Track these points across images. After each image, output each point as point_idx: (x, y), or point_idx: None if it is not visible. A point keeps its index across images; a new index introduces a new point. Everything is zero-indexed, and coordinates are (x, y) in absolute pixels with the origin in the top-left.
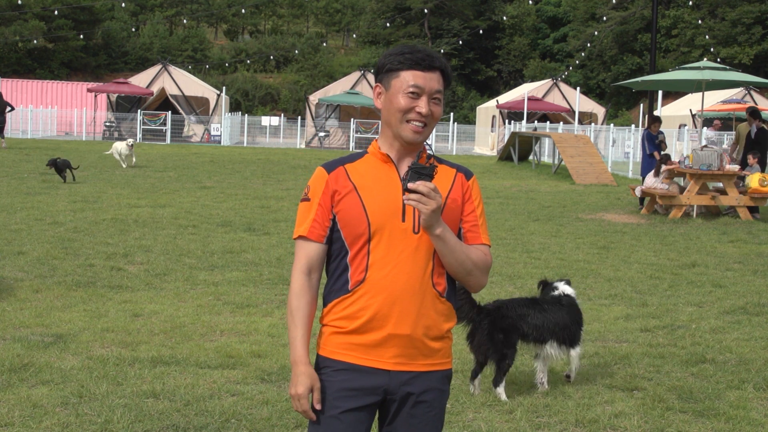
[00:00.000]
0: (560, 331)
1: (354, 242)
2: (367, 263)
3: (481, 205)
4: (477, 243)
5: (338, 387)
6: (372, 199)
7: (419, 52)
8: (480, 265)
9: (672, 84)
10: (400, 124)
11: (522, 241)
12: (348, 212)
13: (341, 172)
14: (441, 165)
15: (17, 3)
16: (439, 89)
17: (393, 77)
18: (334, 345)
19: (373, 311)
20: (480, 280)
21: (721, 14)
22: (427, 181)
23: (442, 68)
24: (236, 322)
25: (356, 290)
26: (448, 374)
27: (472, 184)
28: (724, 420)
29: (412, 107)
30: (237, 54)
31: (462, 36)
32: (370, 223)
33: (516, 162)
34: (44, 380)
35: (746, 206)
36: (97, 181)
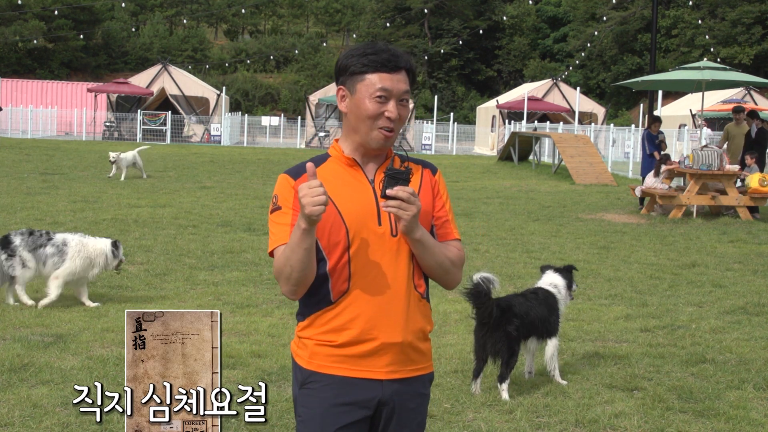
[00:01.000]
0: (541, 325)
1: (332, 251)
2: (350, 272)
3: (449, 199)
4: (450, 239)
5: (330, 403)
6: (345, 204)
7: (384, 52)
8: (456, 262)
9: (672, 84)
10: (371, 131)
11: (522, 241)
12: (324, 220)
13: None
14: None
15: (17, 3)
16: (406, 90)
17: (358, 81)
18: (321, 358)
19: (363, 322)
20: (456, 277)
21: (721, 14)
22: (405, 186)
23: (408, 67)
24: (236, 322)
25: (340, 301)
26: (431, 377)
27: (438, 178)
28: (724, 420)
29: (381, 112)
30: (237, 54)
31: (462, 36)
32: (348, 229)
33: (516, 162)
34: (44, 380)
35: (746, 206)
36: (97, 181)
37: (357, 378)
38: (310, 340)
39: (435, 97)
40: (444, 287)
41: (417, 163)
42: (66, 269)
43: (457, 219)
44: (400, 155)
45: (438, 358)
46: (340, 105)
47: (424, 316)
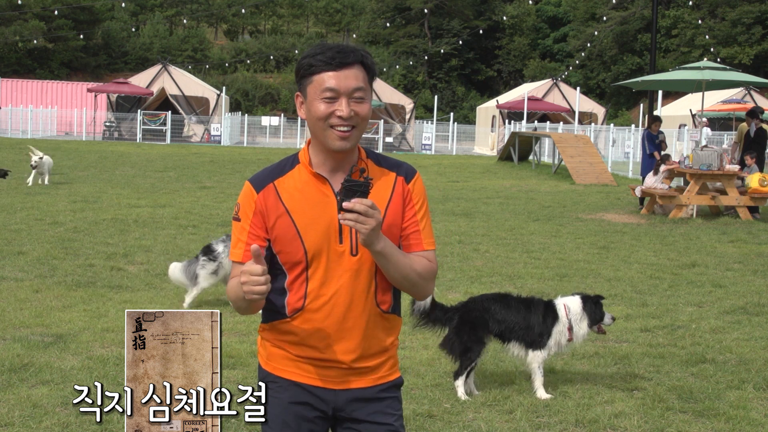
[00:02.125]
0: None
1: (291, 268)
2: (306, 291)
3: (423, 207)
4: (418, 250)
5: (287, 402)
6: (306, 222)
7: (329, 50)
8: (425, 274)
9: (672, 84)
10: (324, 132)
11: (522, 241)
12: (282, 238)
13: (271, 191)
14: (380, 169)
15: (17, 3)
16: (358, 86)
17: (308, 84)
18: (277, 360)
19: (316, 340)
20: (426, 290)
21: (721, 14)
22: (363, 198)
23: (360, 61)
24: (236, 322)
25: (295, 317)
26: (397, 383)
27: (413, 186)
28: (724, 420)
29: (331, 112)
30: (237, 54)
31: (462, 36)
32: (306, 250)
33: (516, 162)
34: (44, 380)
35: (746, 206)
36: (97, 181)
37: (310, 385)
38: (267, 342)
39: (435, 97)
40: (414, 297)
41: (392, 169)
42: None
43: (457, 219)
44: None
45: (438, 358)
46: (299, 112)
47: (385, 330)
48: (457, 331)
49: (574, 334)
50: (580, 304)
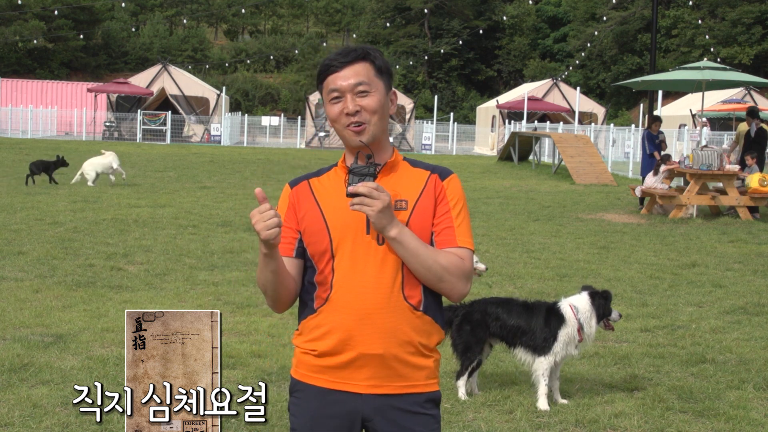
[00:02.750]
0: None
1: (319, 260)
2: (332, 281)
3: (459, 205)
4: (451, 246)
5: (314, 413)
6: (334, 213)
7: (333, 56)
8: (451, 269)
9: (672, 84)
10: (342, 132)
11: (522, 241)
12: (310, 229)
13: (304, 187)
14: (416, 169)
15: (17, 3)
16: (359, 81)
17: (322, 90)
18: (305, 368)
19: (341, 332)
20: (456, 287)
21: (721, 14)
22: (368, 181)
23: (363, 56)
24: (236, 322)
25: (321, 310)
26: (434, 397)
27: (447, 183)
28: (724, 420)
29: (340, 111)
30: (237, 54)
31: (462, 36)
32: (332, 238)
33: (516, 162)
34: (44, 380)
35: (746, 206)
36: (97, 180)
37: (336, 390)
38: (298, 349)
39: (435, 97)
40: (448, 299)
41: (426, 169)
42: None
43: None
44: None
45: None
46: None
47: (416, 328)
48: (458, 330)
49: (585, 334)
50: (588, 301)
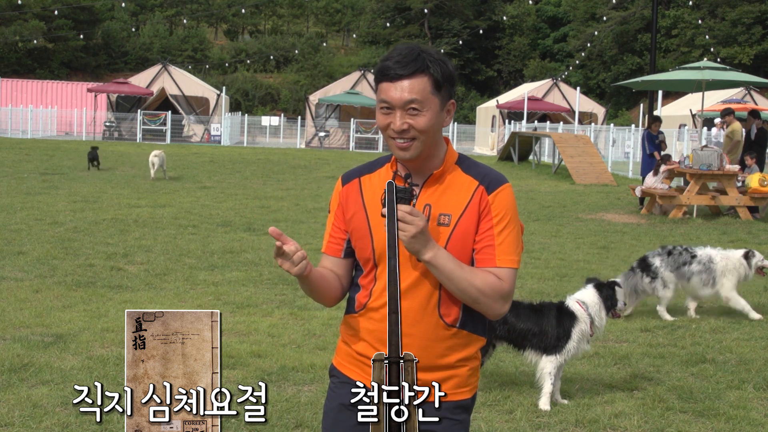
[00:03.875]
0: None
1: (364, 265)
2: (372, 289)
3: (505, 221)
4: (490, 266)
5: (342, 401)
6: (380, 224)
7: (389, 59)
8: (487, 291)
9: (672, 84)
10: (388, 141)
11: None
12: (357, 232)
13: (355, 186)
14: (465, 176)
15: (17, 3)
16: (413, 99)
17: (377, 89)
18: (342, 356)
19: (375, 339)
20: (492, 308)
21: (721, 14)
22: (403, 205)
23: (423, 69)
24: (236, 322)
25: (362, 313)
26: (463, 404)
27: (494, 198)
28: (724, 420)
29: (387, 123)
30: (237, 54)
31: (462, 36)
32: (375, 249)
33: (516, 162)
34: (44, 380)
35: (746, 206)
36: (97, 181)
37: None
38: (341, 336)
39: None
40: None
41: (476, 178)
42: (726, 287)
43: None
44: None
45: None
46: None
47: (449, 346)
48: None
49: (596, 328)
50: (596, 294)
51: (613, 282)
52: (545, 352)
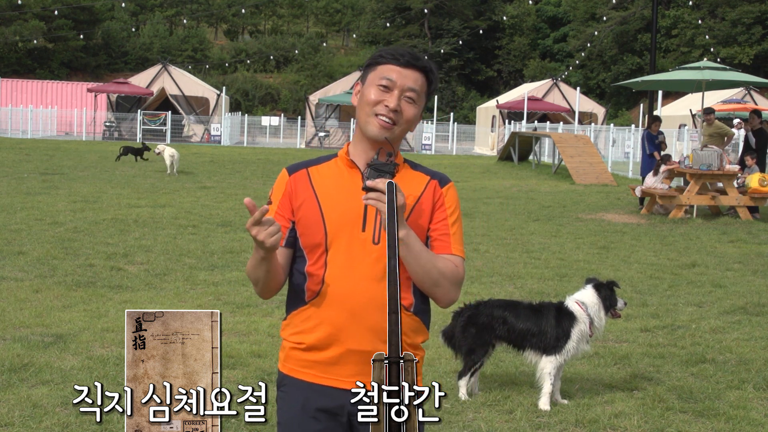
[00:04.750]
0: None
1: (311, 251)
2: (324, 275)
3: (456, 214)
4: (446, 253)
5: (301, 407)
6: (331, 206)
7: (398, 49)
8: (448, 275)
9: (672, 84)
10: (368, 117)
11: (522, 241)
12: (306, 219)
13: (303, 175)
14: (415, 172)
15: (17, 3)
16: (413, 88)
17: (371, 71)
18: (293, 362)
19: (330, 326)
20: (449, 293)
21: (721, 14)
22: (387, 178)
23: (426, 69)
24: (236, 322)
25: (312, 302)
26: None
27: (446, 191)
28: (724, 420)
29: (380, 100)
30: (237, 54)
31: (462, 36)
32: (327, 232)
33: (516, 162)
34: (44, 380)
35: (746, 206)
36: (97, 181)
37: (323, 385)
38: (287, 342)
39: (435, 97)
40: (437, 304)
41: (427, 174)
42: None
43: None
44: (410, 162)
45: (438, 358)
46: (353, 100)
47: (410, 329)
48: (464, 331)
49: (595, 328)
50: (595, 294)
51: (612, 282)
52: (545, 352)
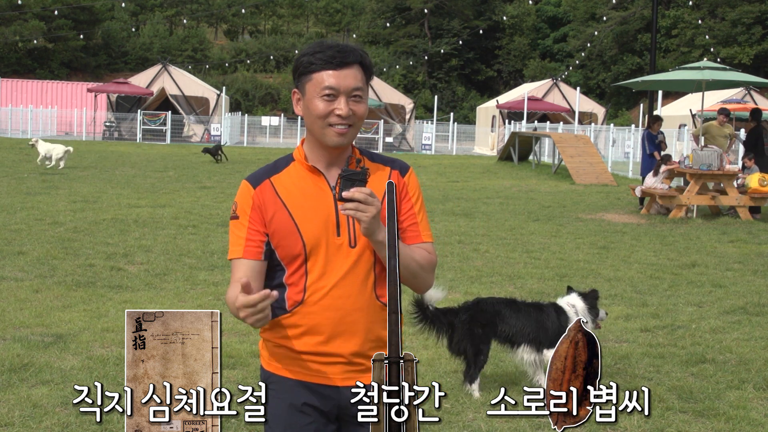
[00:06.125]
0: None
1: (290, 262)
2: (305, 284)
3: (420, 199)
4: (418, 242)
5: (289, 403)
6: (303, 216)
7: (330, 49)
8: (425, 265)
9: (672, 84)
10: (323, 130)
11: (522, 241)
12: (280, 232)
13: (267, 186)
14: (374, 164)
15: (17, 3)
16: (357, 86)
17: (307, 81)
18: (279, 360)
19: (319, 333)
20: (426, 281)
21: (721, 14)
22: (361, 187)
23: (359, 61)
24: (236, 322)
25: (296, 311)
26: None
27: (408, 179)
28: (724, 420)
29: (330, 110)
30: (237, 54)
31: (462, 36)
32: (305, 243)
33: (516, 162)
34: (44, 380)
35: (746, 206)
36: (97, 181)
37: (312, 383)
38: (269, 342)
39: (435, 97)
40: (415, 291)
41: (386, 164)
42: None
43: (457, 219)
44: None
45: (438, 358)
46: (296, 108)
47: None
48: (469, 333)
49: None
50: (582, 300)
51: (594, 292)
52: (547, 347)
